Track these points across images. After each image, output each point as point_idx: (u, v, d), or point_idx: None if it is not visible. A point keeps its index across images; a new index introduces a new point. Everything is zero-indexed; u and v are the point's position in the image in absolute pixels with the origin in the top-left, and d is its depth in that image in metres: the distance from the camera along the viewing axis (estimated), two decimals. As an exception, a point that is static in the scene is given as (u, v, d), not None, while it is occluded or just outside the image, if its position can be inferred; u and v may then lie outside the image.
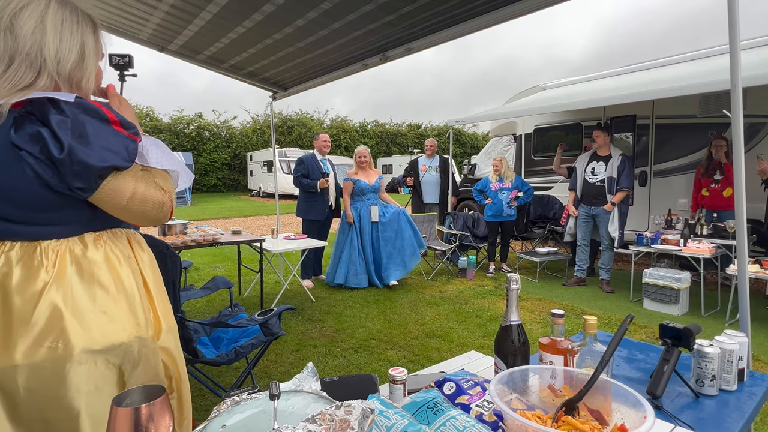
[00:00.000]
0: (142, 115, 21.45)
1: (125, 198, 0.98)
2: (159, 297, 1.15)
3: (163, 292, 1.19)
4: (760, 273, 3.52)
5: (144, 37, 4.06)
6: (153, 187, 1.03)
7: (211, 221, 11.45)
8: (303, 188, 4.89)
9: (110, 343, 1.01)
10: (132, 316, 1.05)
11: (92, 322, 0.99)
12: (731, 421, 1.17)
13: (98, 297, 1.00)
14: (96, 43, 1.05)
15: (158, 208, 1.03)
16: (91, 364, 0.99)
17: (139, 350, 1.06)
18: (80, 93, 1.02)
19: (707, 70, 4.59)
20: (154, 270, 1.17)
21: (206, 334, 2.38)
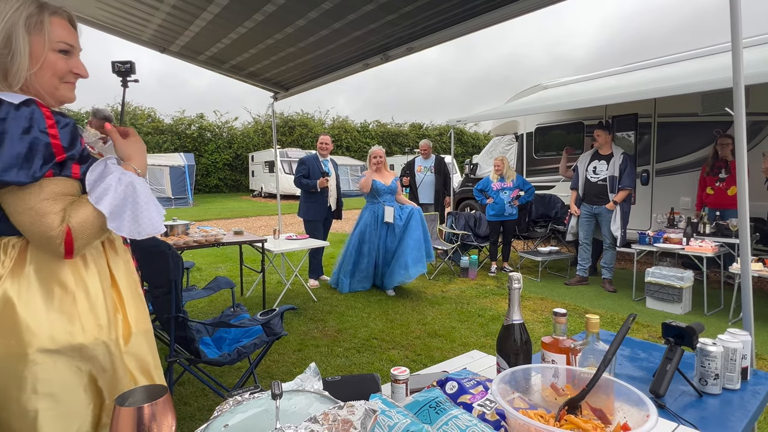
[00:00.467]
0: (144, 116, 21.50)
1: (16, 211, 0.94)
2: (131, 299, 1.13)
3: (138, 295, 1.16)
4: (763, 271, 3.51)
5: (145, 38, 4.07)
6: (53, 217, 0.95)
7: (213, 222, 11.47)
8: (303, 188, 4.88)
9: (68, 344, 0.99)
10: (93, 317, 1.03)
11: (48, 321, 0.98)
12: (735, 419, 1.16)
13: (57, 295, 0.99)
14: (34, 30, 0.98)
15: (42, 239, 0.95)
16: (49, 365, 0.97)
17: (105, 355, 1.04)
18: (6, 82, 0.98)
19: (709, 68, 4.57)
20: (128, 272, 1.15)
21: (208, 335, 2.38)
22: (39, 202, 0.95)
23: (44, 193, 0.95)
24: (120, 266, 1.13)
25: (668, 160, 5.70)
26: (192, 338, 1.99)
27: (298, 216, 5.12)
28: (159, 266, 1.94)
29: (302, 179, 4.83)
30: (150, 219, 1.07)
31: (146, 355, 1.14)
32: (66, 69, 1.05)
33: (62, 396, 1.00)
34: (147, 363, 1.14)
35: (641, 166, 5.88)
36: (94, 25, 3.87)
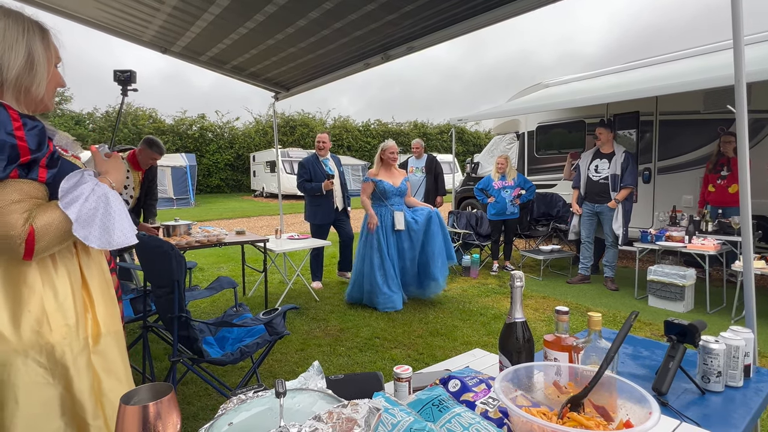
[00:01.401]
0: (145, 117, 21.52)
1: None
2: (102, 300, 1.14)
3: (110, 297, 1.17)
4: (765, 269, 3.50)
5: (147, 39, 4.08)
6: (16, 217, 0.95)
7: (214, 222, 11.49)
8: (308, 193, 4.73)
9: (36, 343, 1.00)
10: (61, 317, 1.04)
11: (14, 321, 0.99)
12: (737, 417, 1.17)
13: (24, 296, 1.00)
14: (46, 49, 1.08)
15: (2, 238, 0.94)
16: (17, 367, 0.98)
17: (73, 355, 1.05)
18: (29, 97, 1.05)
19: (711, 65, 4.56)
20: (100, 273, 1.16)
21: (211, 334, 2.39)
22: (2, 203, 0.95)
23: (8, 194, 0.96)
24: (92, 268, 1.14)
25: (670, 158, 5.69)
26: (195, 338, 2.00)
27: (305, 220, 4.96)
28: (162, 266, 1.95)
29: (306, 184, 4.68)
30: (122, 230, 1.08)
31: (115, 357, 1.15)
32: (62, 81, 1.14)
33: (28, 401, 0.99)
34: (115, 364, 1.15)
35: (643, 164, 5.87)
36: (94, 26, 3.88)
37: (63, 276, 1.06)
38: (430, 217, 4.15)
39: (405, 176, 4.37)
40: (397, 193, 4.17)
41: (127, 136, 20.36)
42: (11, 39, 1.02)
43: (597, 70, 6.73)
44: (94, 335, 1.11)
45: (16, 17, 1.04)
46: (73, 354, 1.05)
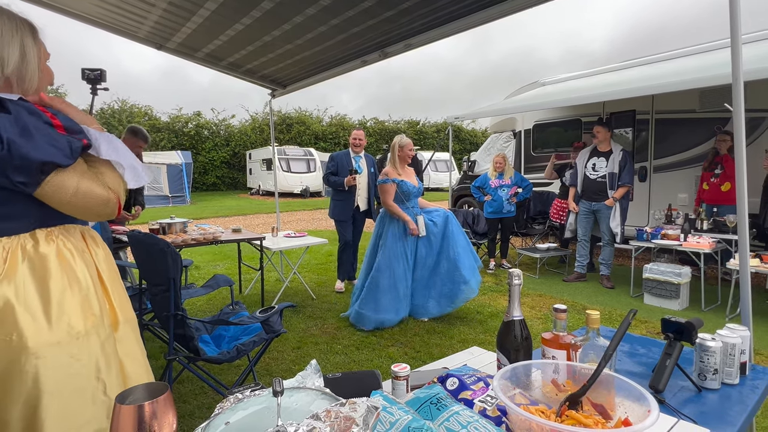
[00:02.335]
0: (141, 114, 21.40)
1: (69, 194, 1.03)
2: (114, 289, 1.19)
3: (120, 285, 1.22)
4: (760, 267, 3.53)
5: (142, 35, 4.05)
6: (98, 184, 1.08)
7: (211, 220, 11.45)
8: (331, 186, 4.62)
9: (67, 335, 1.04)
10: (88, 306, 1.09)
11: (46, 315, 1.02)
12: (734, 414, 1.17)
13: (52, 290, 1.04)
14: (36, 45, 1.11)
15: (103, 205, 1.09)
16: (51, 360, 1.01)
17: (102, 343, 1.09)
18: (22, 90, 1.09)
19: (707, 64, 4.58)
20: (109, 264, 1.21)
21: (207, 332, 2.38)
22: (82, 178, 1.05)
23: (81, 169, 1.07)
24: (101, 258, 1.19)
25: (666, 156, 5.71)
26: (191, 336, 1.99)
27: (329, 216, 4.83)
28: (158, 264, 1.94)
29: (330, 176, 4.59)
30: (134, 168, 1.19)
31: (134, 342, 1.21)
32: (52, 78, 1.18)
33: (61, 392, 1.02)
34: (135, 350, 1.20)
35: (639, 163, 5.89)
36: (89, 21, 3.85)
37: (82, 268, 1.11)
38: (446, 217, 3.82)
39: (414, 174, 3.98)
40: (417, 193, 3.81)
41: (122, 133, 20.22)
42: (8, 35, 1.05)
43: (593, 69, 6.75)
44: (113, 323, 1.16)
45: (8, 15, 1.07)
46: (101, 342, 1.09)
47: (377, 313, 3.55)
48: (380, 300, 3.57)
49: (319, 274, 5.49)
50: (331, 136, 24.68)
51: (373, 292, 3.59)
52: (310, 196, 18.49)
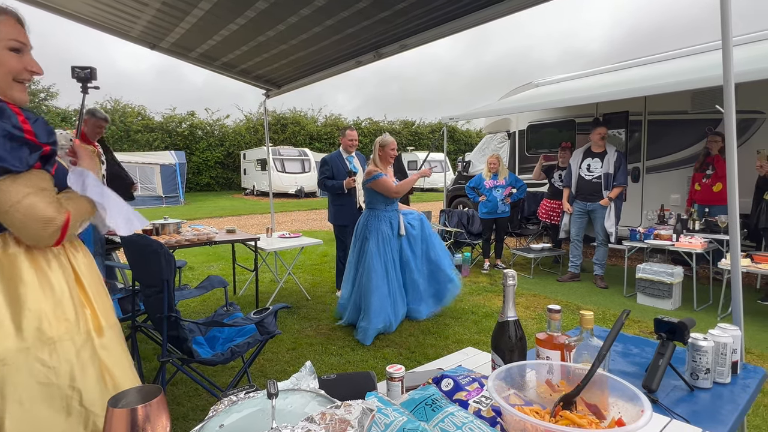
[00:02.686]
0: (134, 113, 21.25)
1: (8, 203, 0.97)
2: (96, 294, 1.16)
3: (103, 290, 1.19)
4: (751, 267, 3.56)
5: (135, 34, 4.02)
6: (47, 203, 1.01)
7: (205, 220, 11.38)
8: (329, 191, 4.40)
9: (37, 340, 1.00)
10: (61, 312, 1.05)
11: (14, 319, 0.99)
12: (725, 413, 1.18)
13: (21, 293, 1.01)
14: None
15: (42, 224, 1.00)
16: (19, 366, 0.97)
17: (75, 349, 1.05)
18: None
19: (699, 66, 4.62)
20: (90, 267, 1.18)
21: (201, 334, 2.36)
22: (33, 192, 0.99)
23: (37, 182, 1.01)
24: (81, 262, 1.16)
25: (658, 157, 5.75)
26: (185, 338, 1.97)
27: (328, 221, 4.60)
28: (151, 265, 1.92)
29: (327, 181, 4.35)
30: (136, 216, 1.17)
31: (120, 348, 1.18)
32: (20, 67, 1.07)
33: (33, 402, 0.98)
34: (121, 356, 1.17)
35: (632, 164, 5.94)
36: (80, 20, 3.82)
37: (57, 272, 1.07)
38: (421, 219, 3.87)
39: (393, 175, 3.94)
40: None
41: (115, 134, 20.10)
42: None
43: (587, 70, 6.79)
44: (97, 328, 1.12)
45: None
46: (75, 348, 1.06)
47: (377, 322, 3.41)
48: (383, 306, 3.46)
49: (314, 275, 5.48)
50: (326, 136, 24.65)
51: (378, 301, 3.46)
52: (305, 196, 18.46)
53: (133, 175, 15.24)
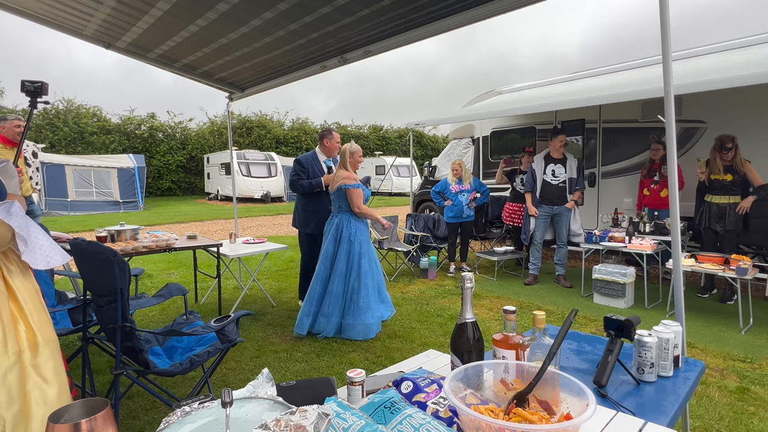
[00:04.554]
0: (88, 115, 20.27)
1: None
2: (33, 309, 1.12)
3: (40, 304, 1.15)
4: (695, 266, 3.80)
5: (89, 33, 3.85)
6: None
7: (165, 226, 10.98)
8: (304, 190, 4.03)
9: None
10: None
11: None
12: (668, 404, 1.26)
13: None
14: None
15: None
16: None
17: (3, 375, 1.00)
18: None
19: (649, 77, 4.90)
20: (26, 281, 1.14)
21: (159, 344, 2.28)
22: None
23: None
24: (16, 275, 1.12)
25: (612, 163, 6.05)
26: (140, 348, 1.90)
27: (293, 226, 4.26)
28: (103, 274, 1.84)
29: (302, 181, 4.01)
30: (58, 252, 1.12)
31: (53, 366, 1.13)
32: None
33: None
34: (56, 374, 1.12)
35: (588, 169, 6.21)
36: (28, 16, 3.62)
37: None
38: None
39: None
40: (367, 200, 3.79)
41: (67, 135, 19.11)
42: None
43: (546, 79, 7.06)
44: (31, 346, 1.07)
45: None
46: (1, 373, 1.00)
47: (374, 317, 3.52)
48: (372, 303, 3.55)
49: (279, 281, 5.39)
50: (293, 140, 24.38)
51: (366, 298, 3.52)
52: (271, 201, 18.15)
53: (88, 179, 14.54)
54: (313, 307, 3.58)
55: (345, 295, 3.55)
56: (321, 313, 3.57)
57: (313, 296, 3.60)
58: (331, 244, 3.62)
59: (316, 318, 3.58)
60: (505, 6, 2.45)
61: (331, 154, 4.15)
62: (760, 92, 4.59)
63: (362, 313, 3.49)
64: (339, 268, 3.55)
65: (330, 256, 3.61)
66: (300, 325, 3.56)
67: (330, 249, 3.62)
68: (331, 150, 4.14)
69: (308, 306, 3.59)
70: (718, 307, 4.23)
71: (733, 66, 4.18)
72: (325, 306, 3.56)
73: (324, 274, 3.61)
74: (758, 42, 4.86)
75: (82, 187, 14.39)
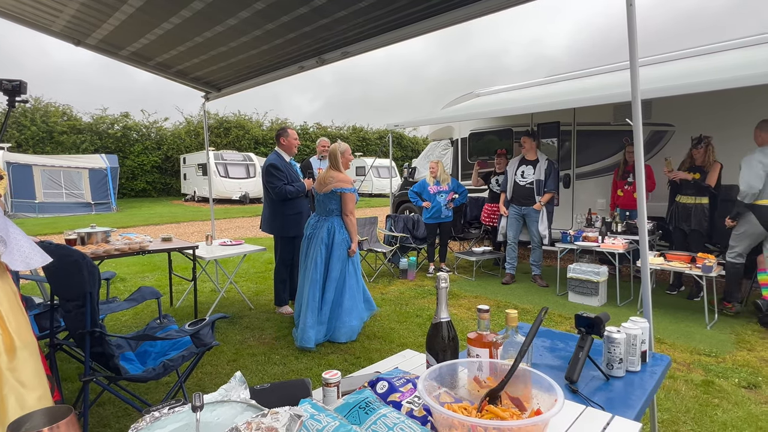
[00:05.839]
0: (58, 113, 19.58)
1: None
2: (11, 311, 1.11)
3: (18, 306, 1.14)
4: (664, 264, 3.93)
5: (57, 29, 3.73)
6: None
7: (140, 228, 10.70)
8: (292, 196, 3.95)
9: None
10: None
11: None
12: (635, 398, 1.30)
13: None
14: None
15: None
16: None
17: None
18: None
19: (619, 81, 5.05)
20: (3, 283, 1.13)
21: (131, 349, 2.22)
22: None
23: None
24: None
25: (586, 164, 6.21)
26: (111, 354, 1.85)
27: (269, 233, 4.13)
28: (71, 278, 1.78)
29: (288, 187, 3.90)
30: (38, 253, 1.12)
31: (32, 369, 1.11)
32: None
33: None
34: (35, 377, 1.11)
35: (563, 170, 6.35)
36: (-7, 11, 3.48)
37: None
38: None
39: None
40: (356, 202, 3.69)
41: (35, 134, 18.42)
42: None
43: (523, 82, 7.19)
44: (8, 349, 1.05)
45: None
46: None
47: (358, 318, 3.48)
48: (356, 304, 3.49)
49: (257, 283, 5.32)
50: (271, 141, 24.11)
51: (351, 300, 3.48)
52: (249, 202, 17.90)
53: (57, 180, 14.04)
54: (316, 317, 3.37)
55: (335, 300, 3.45)
56: (320, 321, 3.39)
57: (315, 305, 3.39)
58: (324, 249, 3.44)
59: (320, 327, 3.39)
60: (481, 10, 2.49)
61: (291, 152, 4.08)
62: (724, 96, 4.80)
63: (346, 315, 3.42)
64: (334, 275, 3.43)
65: (323, 262, 3.43)
66: (306, 338, 3.30)
67: (323, 254, 3.43)
68: (290, 147, 4.07)
69: (312, 316, 3.36)
70: (686, 304, 4.38)
71: (700, 72, 4.35)
72: (323, 314, 3.40)
73: (320, 282, 3.42)
74: (723, 49, 5.07)
75: (50, 188, 13.88)
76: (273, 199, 4.00)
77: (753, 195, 3.72)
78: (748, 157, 3.81)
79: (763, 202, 3.72)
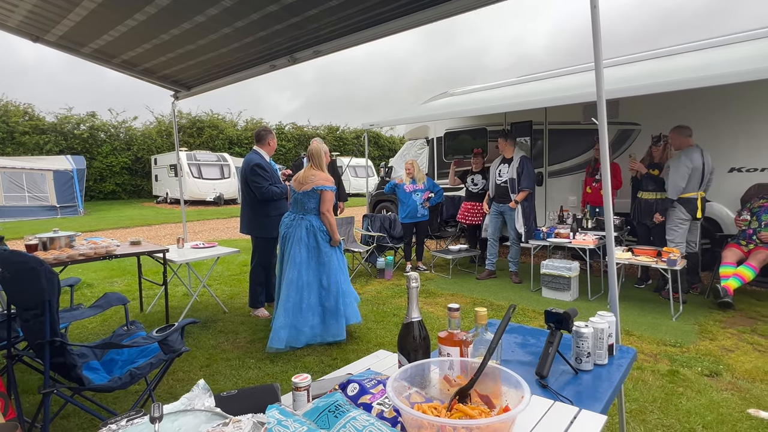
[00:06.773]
0: (19, 113, 18.72)
1: None
2: None
3: None
4: (632, 259, 4.05)
5: (13, 24, 3.56)
6: None
7: (108, 232, 10.35)
8: (277, 197, 3.93)
9: None
10: None
11: None
12: (602, 390, 1.33)
13: None
14: None
15: None
16: None
17: None
18: None
19: (589, 81, 5.18)
20: None
21: (96, 358, 2.14)
22: None
23: None
24: None
25: (558, 163, 6.35)
26: (73, 364, 1.77)
27: (249, 234, 4.07)
28: (29, 285, 1.70)
29: (272, 188, 3.88)
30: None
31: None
32: None
33: None
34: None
35: (536, 168, 6.47)
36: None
37: None
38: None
39: None
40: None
41: (-7, 136, 17.57)
42: None
43: (495, 82, 7.29)
44: None
45: None
46: None
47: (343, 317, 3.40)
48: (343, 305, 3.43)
49: (231, 286, 5.22)
50: (246, 141, 23.71)
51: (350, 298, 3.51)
52: (224, 203, 17.56)
53: (19, 182, 13.42)
54: (290, 319, 3.26)
55: (321, 302, 3.37)
56: (296, 323, 3.27)
57: (289, 306, 3.28)
58: (303, 250, 3.36)
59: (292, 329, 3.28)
60: (450, 10, 2.50)
61: (271, 153, 4.07)
62: (687, 96, 4.98)
63: (332, 316, 3.36)
64: (313, 275, 3.36)
65: (304, 262, 3.35)
66: (276, 339, 3.21)
67: (303, 255, 3.35)
68: (273, 149, 4.08)
69: (285, 317, 3.25)
70: (652, 297, 4.54)
71: (666, 72, 4.51)
72: (303, 315, 3.29)
73: (299, 282, 3.32)
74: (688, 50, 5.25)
75: (12, 191, 13.26)
76: (254, 199, 3.91)
77: (677, 192, 4.23)
78: (676, 160, 4.26)
79: (688, 196, 4.22)
